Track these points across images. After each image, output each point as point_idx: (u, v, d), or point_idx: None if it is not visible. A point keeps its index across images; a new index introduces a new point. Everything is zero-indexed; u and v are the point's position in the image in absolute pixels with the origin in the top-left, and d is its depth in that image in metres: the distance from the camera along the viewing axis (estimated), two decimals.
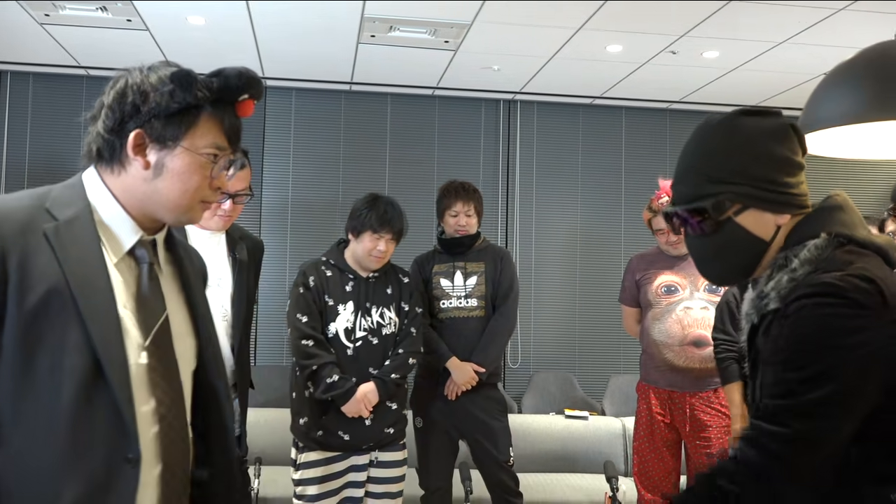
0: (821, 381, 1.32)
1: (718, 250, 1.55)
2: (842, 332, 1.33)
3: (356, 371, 3.26)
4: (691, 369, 4.01)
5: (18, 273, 1.34)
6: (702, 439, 4.05)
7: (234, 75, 1.50)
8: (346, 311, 3.28)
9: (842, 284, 1.35)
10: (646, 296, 4.15)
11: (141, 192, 1.49)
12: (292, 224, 6.15)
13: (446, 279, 4.04)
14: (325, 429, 3.24)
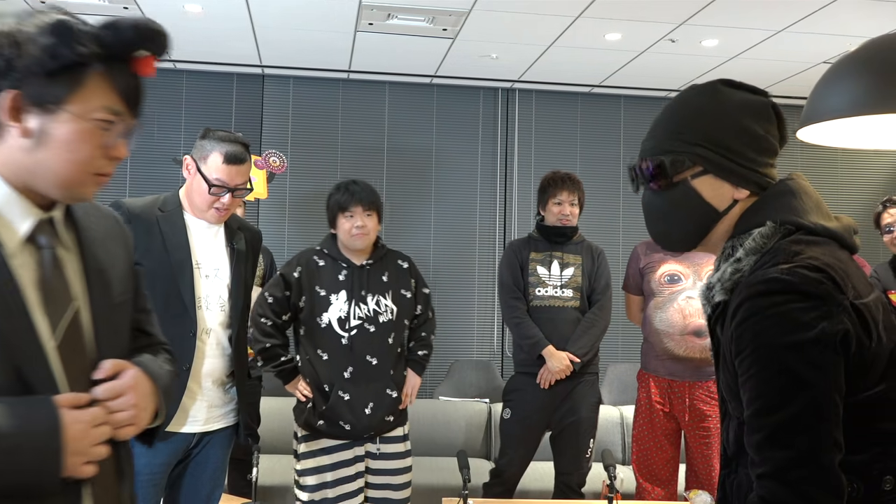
0: (800, 387, 1.30)
1: (669, 210, 1.53)
2: (803, 326, 1.30)
3: (352, 360, 3.24)
4: (691, 359, 4.02)
5: None
6: (701, 429, 4.06)
7: (128, 27, 1.28)
8: (339, 300, 3.26)
9: (789, 278, 1.32)
10: (649, 284, 4.16)
11: (23, 164, 1.28)
12: (290, 213, 6.14)
13: (543, 267, 4.09)
14: (326, 418, 3.24)
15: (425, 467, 5.02)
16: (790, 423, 1.30)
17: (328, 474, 3.26)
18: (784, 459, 1.30)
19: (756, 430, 1.34)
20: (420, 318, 3.49)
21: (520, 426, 4.12)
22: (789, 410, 1.30)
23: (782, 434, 1.31)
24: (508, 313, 4.17)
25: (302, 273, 3.29)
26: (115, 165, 1.36)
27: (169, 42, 1.33)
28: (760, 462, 1.34)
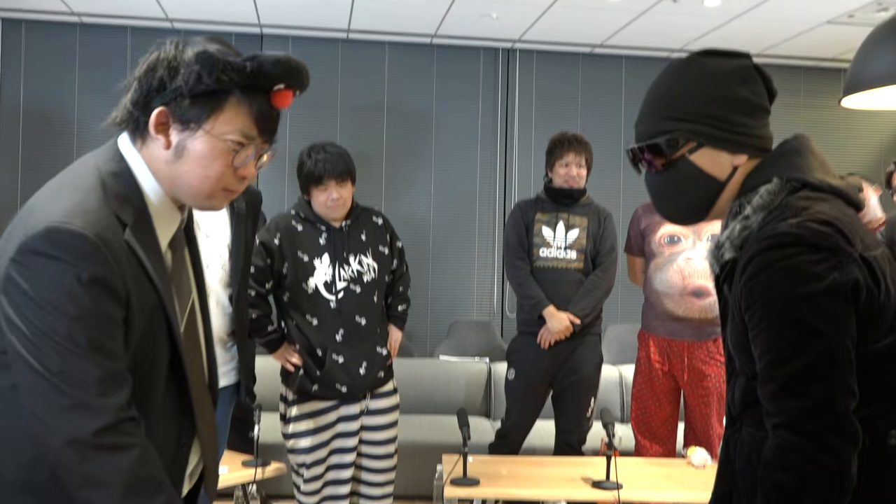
0: (812, 337, 1.31)
1: (673, 188, 1.55)
2: (814, 278, 1.31)
3: (342, 322, 3.25)
4: (691, 319, 4.05)
5: (126, 289, 1.33)
6: (700, 388, 4.10)
7: (270, 62, 1.40)
8: (323, 264, 3.25)
9: (799, 231, 1.34)
10: (649, 245, 4.17)
11: (166, 173, 1.43)
12: (290, 173, 6.12)
13: (548, 228, 4.12)
14: (321, 382, 3.26)
15: (426, 426, 5.07)
16: (804, 373, 1.32)
17: (319, 436, 3.29)
18: (799, 409, 1.33)
19: (770, 381, 1.36)
20: (396, 272, 3.50)
21: (523, 386, 4.16)
22: (802, 360, 1.32)
23: (796, 384, 1.33)
24: (512, 273, 4.19)
25: (282, 239, 3.26)
26: (245, 184, 1.49)
27: (308, 79, 1.46)
28: (775, 413, 1.36)
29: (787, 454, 1.34)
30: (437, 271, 6.39)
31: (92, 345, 1.27)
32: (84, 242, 1.27)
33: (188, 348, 1.50)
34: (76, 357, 1.26)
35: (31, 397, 1.28)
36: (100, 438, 1.27)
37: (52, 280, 1.26)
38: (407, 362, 5.54)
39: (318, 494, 3.32)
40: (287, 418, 3.33)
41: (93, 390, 1.26)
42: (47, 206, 1.32)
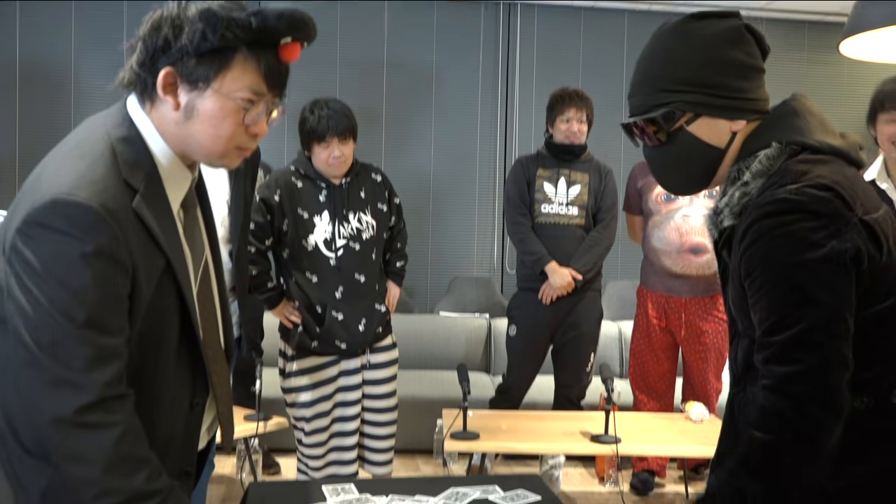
0: (809, 305, 1.31)
1: (673, 160, 1.53)
2: (812, 245, 1.31)
3: (342, 280, 3.25)
4: (688, 276, 4.06)
5: (133, 261, 1.32)
6: (698, 344, 4.13)
7: (274, 16, 1.38)
8: (323, 221, 3.25)
9: (798, 198, 1.33)
10: (646, 203, 4.17)
11: (176, 134, 1.42)
12: (289, 129, 6.09)
13: (549, 184, 4.11)
14: (321, 339, 3.27)
15: (426, 381, 5.11)
16: (799, 340, 1.32)
17: (320, 390, 3.32)
18: (789, 374, 1.33)
19: (765, 347, 1.36)
20: (394, 229, 3.50)
21: (524, 342, 4.19)
22: (799, 327, 1.31)
23: (791, 350, 1.33)
24: (513, 229, 4.20)
25: (282, 196, 3.24)
26: (257, 141, 1.47)
27: (315, 30, 1.46)
28: (766, 375, 1.37)
29: (768, 416, 1.35)
30: (438, 227, 6.39)
31: (89, 320, 1.26)
32: (89, 214, 1.27)
33: (202, 306, 1.50)
34: (69, 332, 1.26)
35: (18, 370, 1.28)
36: (82, 416, 1.27)
37: (56, 253, 1.26)
38: (407, 318, 5.56)
39: (324, 447, 3.34)
40: (286, 373, 3.35)
41: (80, 367, 1.26)
42: (53, 176, 1.31)
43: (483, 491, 1.97)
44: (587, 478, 4.61)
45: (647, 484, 4.35)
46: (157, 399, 1.41)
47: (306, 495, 1.92)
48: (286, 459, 4.57)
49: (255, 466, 4.06)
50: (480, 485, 2.01)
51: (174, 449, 1.48)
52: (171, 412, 1.45)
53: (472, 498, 1.92)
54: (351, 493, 1.94)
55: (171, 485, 1.35)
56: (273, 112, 1.46)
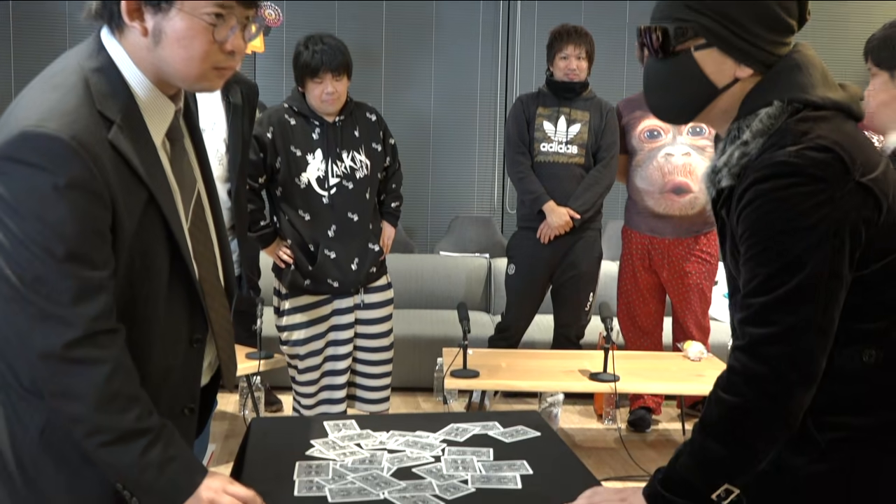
0: (793, 270, 1.30)
1: (667, 79, 1.49)
2: (804, 213, 1.29)
3: (334, 218, 3.24)
4: (671, 216, 4.06)
5: (111, 193, 1.29)
6: (682, 286, 4.15)
7: None
8: (316, 159, 3.23)
9: (797, 161, 1.30)
10: (630, 141, 4.14)
11: (150, 61, 1.35)
12: (287, 66, 6.02)
13: (549, 123, 4.08)
14: (313, 277, 3.27)
15: (426, 320, 5.14)
16: (778, 303, 1.31)
17: (314, 328, 3.33)
18: (763, 335, 1.33)
19: (744, 309, 1.36)
20: (389, 169, 3.48)
21: (523, 281, 4.20)
22: (781, 290, 1.31)
23: (770, 312, 1.32)
24: (512, 168, 4.18)
25: (275, 133, 3.22)
26: (238, 60, 1.39)
27: None
28: (741, 336, 1.36)
29: (735, 375, 1.36)
30: (438, 167, 6.36)
31: (69, 254, 1.25)
32: (59, 146, 1.24)
33: (197, 241, 1.48)
34: (51, 267, 1.24)
35: (5, 307, 1.28)
36: (70, 351, 1.27)
37: (28, 186, 1.24)
38: (407, 258, 5.57)
39: (316, 385, 3.38)
40: (280, 311, 3.38)
41: (65, 301, 1.25)
42: (24, 109, 1.28)
43: (483, 427, 1.99)
44: (585, 415, 4.67)
45: (645, 421, 4.41)
46: (149, 335, 1.40)
47: (307, 431, 1.94)
48: (288, 397, 4.61)
49: (257, 403, 4.11)
50: (480, 421, 2.04)
51: (172, 386, 1.47)
52: (166, 348, 1.44)
53: (472, 434, 1.95)
54: (352, 428, 1.97)
55: (162, 423, 1.36)
56: (251, 27, 1.39)
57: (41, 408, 1.35)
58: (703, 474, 1.40)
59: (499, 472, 1.72)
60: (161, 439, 1.34)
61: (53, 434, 1.36)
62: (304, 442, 1.87)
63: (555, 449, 1.89)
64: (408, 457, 1.80)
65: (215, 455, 3.91)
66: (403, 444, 1.87)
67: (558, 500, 1.57)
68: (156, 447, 1.33)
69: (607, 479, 3.67)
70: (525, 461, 1.78)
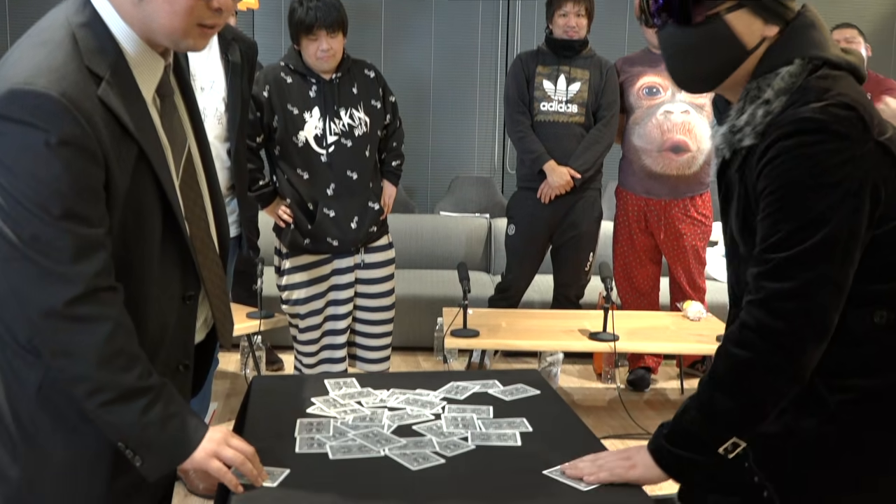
0: (815, 226, 1.30)
1: (697, 46, 1.43)
2: (828, 170, 1.29)
3: (333, 177, 3.22)
4: (668, 176, 4.03)
5: (104, 150, 1.27)
6: (678, 248, 4.14)
7: None
8: (314, 117, 3.19)
9: (822, 118, 1.29)
10: (627, 99, 4.11)
11: (133, 15, 1.33)
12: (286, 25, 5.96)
13: (549, 81, 4.05)
14: (313, 236, 3.26)
15: (427, 280, 5.15)
16: (799, 258, 1.31)
17: (314, 287, 3.34)
18: (781, 290, 1.33)
19: (762, 263, 1.35)
20: (390, 127, 3.45)
21: (523, 241, 4.20)
22: (801, 247, 1.31)
23: (788, 267, 1.32)
24: (512, 128, 4.15)
25: (271, 92, 3.19)
26: (224, 18, 1.37)
27: None
28: (755, 290, 1.36)
29: (748, 331, 1.36)
30: (438, 127, 6.32)
31: (65, 211, 1.24)
32: (49, 103, 1.22)
33: (187, 198, 1.47)
34: (47, 224, 1.24)
35: (5, 265, 1.27)
36: (72, 309, 1.26)
37: (20, 144, 1.22)
38: (408, 218, 5.57)
39: (317, 344, 3.39)
40: (281, 271, 3.37)
41: (65, 259, 1.25)
42: (11, 67, 1.26)
43: (483, 385, 2.00)
44: (584, 375, 4.70)
45: (644, 381, 4.43)
46: (144, 293, 1.40)
47: (308, 389, 1.95)
48: (289, 356, 4.64)
49: (258, 362, 4.14)
50: (480, 379, 2.05)
51: (168, 343, 1.47)
52: (161, 306, 1.44)
53: (472, 392, 1.96)
54: (352, 386, 1.98)
55: (162, 382, 1.36)
56: None
57: (38, 366, 1.36)
58: (711, 428, 1.41)
59: (499, 430, 1.73)
60: (162, 397, 1.35)
61: (50, 391, 1.37)
62: (305, 400, 1.88)
63: (554, 407, 1.90)
64: (408, 414, 1.81)
65: (217, 413, 3.94)
66: (404, 402, 1.88)
67: (558, 457, 1.59)
68: (157, 405, 1.34)
69: (606, 438, 3.70)
70: (525, 419, 1.79)
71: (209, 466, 1.39)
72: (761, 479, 1.46)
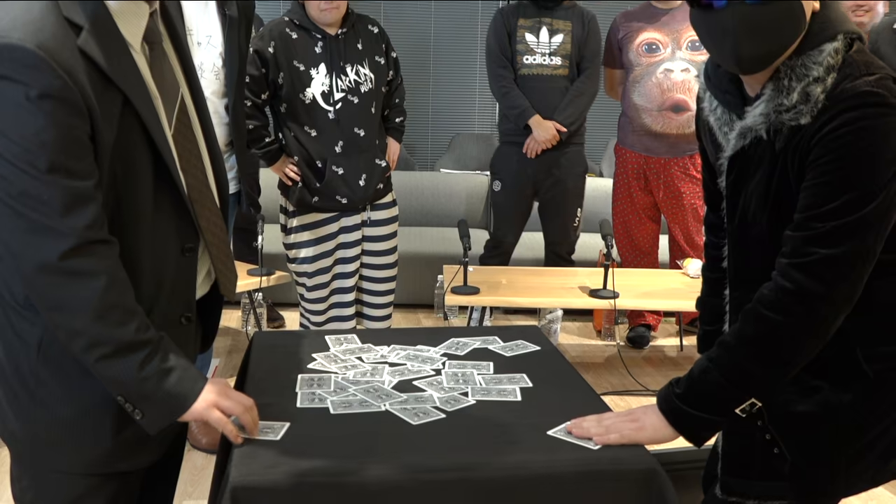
0: (868, 198, 1.31)
1: (769, 23, 1.35)
2: (889, 143, 1.30)
3: (341, 134, 3.19)
4: (668, 135, 4.01)
5: (87, 102, 1.26)
6: (678, 207, 4.13)
7: None
8: (320, 74, 3.16)
9: (880, 90, 1.30)
10: (627, 55, 4.06)
11: None
12: None
13: (531, 34, 3.98)
14: (321, 194, 3.25)
15: (427, 237, 5.15)
16: (847, 227, 1.32)
17: (326, 244, 3.33)
18: (828, 256, 1.33)
19: (807, 230, 1.35)
20: (393, 83, 3.42)
21: (510, 197, 4.16)
22: (855, 216, 1.32)
23: (839, 235, 1.33)
24: (495, 83, 4.10)
25: (276, 47, 3.14)
26: None
27: None
28: (802, 254, 1.36)
29: (786, 294, 1.37)
30: (438, 84, 6.27)
31: (51, 165, 1.23)
32: (26, 55, 1.21)
33: (182, 148, 1.45)
34: (34, 179, 1.23)
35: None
36: (66, 262, 1.26)
37: (1, 99, 1.22)
38: (409, 175, 5.55)
39: (325, 302, 3.40)
40: (288, 229, 3.36)
41: (55, 212, 1.24)
42: None
43: (483, 341, 2.01)
44: (584, 332, 4.72)
45: (644, 338, 4.45)
46: (139, 246, 1.39)
47: (310, 344, 1.96)
48: (290, 313, 4.66)
49: (259, 319, 4.15)
50: (480, 336, 2.05)
51: (167, 296, 1.47)
52: (156, 258, 1.43)
53: (473, 348, 1.97)
54: (353, 342, 1.99)
55: (159, 336, 1.37)
56: None
57: (38, 322, 1.36)
58: (735, 391, 1.43)
59: (499, 385, 1.75)
60: (159, 351, 1.35)
61: (51, 348, 1.37)
62: (306, 355, 1.89)
63: (554, 363, 1.91)
64: (409, 370, 1.82)
65: (219, 370, 3.97)
66: (404, 358, 1.89)
67: (558, 411, 1.60)
68: (154, 359, 1.34)
69: (605, 394, 3.73)
70: (525, 374, 1.81)
71: (210, 416, 1.40)
72: (773, 438, 1.48)
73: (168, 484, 1.73)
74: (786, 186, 1.41)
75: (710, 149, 1.61)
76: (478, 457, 1.43)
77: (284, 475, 1.36)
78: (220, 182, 1.60)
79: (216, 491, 1.62)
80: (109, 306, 1.30)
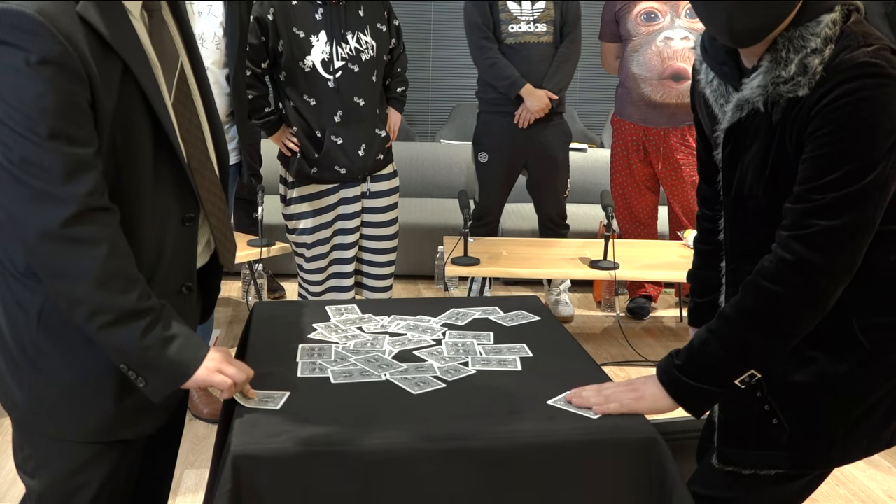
0: (868, 169, 1.30)
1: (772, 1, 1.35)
2: (889, 114, 1.29)
3: (340, 103, 3.16)
4: (667, 104, 3.98)
5: (87, 68, 1.25)
6: (677, 179, 4.12)
7: None
8: (320, 41, 3.12)
9: (879, 62, 1.29)
10: (625, 26, 4.02)
11: None
12: None
13: (514, 2, 3.93)
14: (320, 164, 3.23)
15: (427, 208, 5.14)
16: (848, 198, 1.32)
17: (325, 215, 3.32)
18: (829, 227, 1.33)
19: (807, 201, 1.35)
20: (394, 52, 3.38)
21: (496, 167, 4.12)
22: (855, 187, 1.31)
23: (839, 206, 1.33)
24: (479, 55, 4.03)
25: (276, 14, 3.09)
26: None
27: None
28: (802, 226, 1.35)
29: (785, 266, 1.36)
30: (438, 55, 6.23)
31: (52, 131, 1.22)
32: (26, 20, 1.20)
33: (182, 116, 1.45)
34: (35, 145, 1.22)
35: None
36: (68, 229, 1.26)
37: (0, 65, 1.21)
38: (408, 146, 5.53)
39: (324, 273, 3.39)
40: (287, 200, 3.34)
41: (56, 179, 1.24)
42: None
43: (483, 312, 2.01)
44: (584, 303, 4.73)
45: (644, 309, 4.46)
46: (140, 214, 1.39)
47: (310, 314, 1.97)
48: (291, 284, 4.67)
49: (259, 290, 4.16)
50: (481, 306, 2.06)
51: (168, 265, 1.47)
52: (156, 227, 1.43)
53: (473, 318, 1.97)
54: (354, 312, 1.99)
55: (161, 304, 1.37)
56: None
57: (38, 291, 1.36)
58: (735, 362, 1.43)
59: (499, 355, 1.75)
60: (161, 319, 1.35)
61: (51, 316, 1.38)
62: (307, 325, 1.90)
63: (554, 333, 1.91)
64: (409, 340, 1.82)
65: (220, 340, 3.98)
66: (405, 328, 1.89)
67: (558, 381, 1.60)
68: (156, 327, 1.34)
69: (605, 364, 3.74)
70: (525, 345, 1.81)
71: (213, 380, 1.40)
72: (772, 408, 1.48)
73: (170, 452, 1.74)
74: (783, 158, 1.41)
75: (706, 121, 1.60)
76: (478, 426, 1.44)
77: (285, 444, 1.37)
78: (219, 152, 1.59)
79: (217, 460, 1.63)
80: (111, 274, 1.30)
